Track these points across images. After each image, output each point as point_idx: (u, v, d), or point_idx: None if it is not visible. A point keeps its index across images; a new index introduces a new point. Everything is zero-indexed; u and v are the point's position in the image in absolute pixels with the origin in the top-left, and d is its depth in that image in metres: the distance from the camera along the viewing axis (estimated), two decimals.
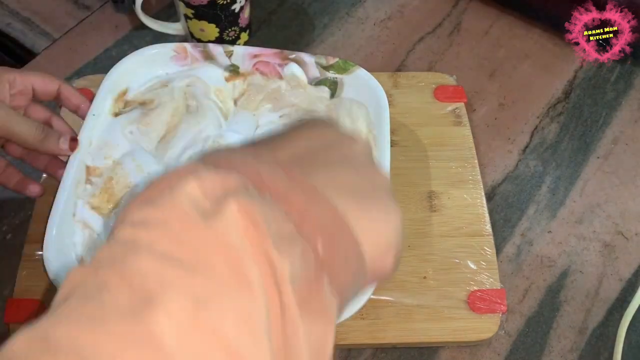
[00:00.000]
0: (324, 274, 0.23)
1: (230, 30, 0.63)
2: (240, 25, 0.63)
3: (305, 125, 0.31)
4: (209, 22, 0.61)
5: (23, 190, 0.49)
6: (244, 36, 0.65)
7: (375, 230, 0.27)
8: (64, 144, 0.46)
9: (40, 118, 0.48)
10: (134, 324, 0.18)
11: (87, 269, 0.21)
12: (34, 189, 0.49)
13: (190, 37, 0.64)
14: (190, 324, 0.18)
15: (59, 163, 0.49)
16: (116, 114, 0.52)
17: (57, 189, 0.46)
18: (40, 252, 0.44)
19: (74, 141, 0.47)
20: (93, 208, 0.47)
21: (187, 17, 0.61)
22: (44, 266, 0.43)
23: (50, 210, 0.45)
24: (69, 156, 0.48)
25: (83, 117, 0.49)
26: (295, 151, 0.28)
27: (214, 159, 0.25)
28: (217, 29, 0.62)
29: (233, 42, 0.64)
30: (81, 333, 0.18)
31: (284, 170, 0.25)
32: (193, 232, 0.21)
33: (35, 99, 0.48)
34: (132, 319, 0.18)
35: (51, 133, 0.46)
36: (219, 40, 0.63)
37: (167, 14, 0.68)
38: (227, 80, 0.55)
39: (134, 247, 0.20)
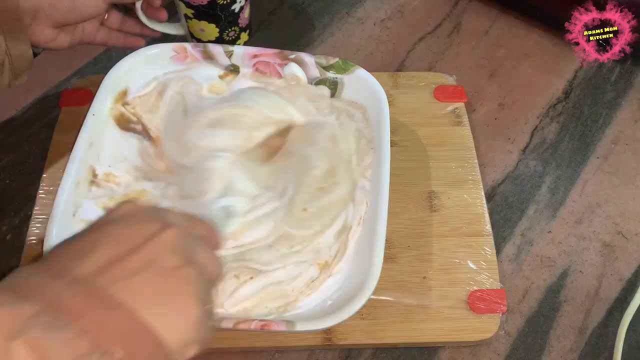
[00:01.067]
0: None
1: (230, 30, 0.63)
2: (240, 25, 0.63)
3: (110, 222, 0.32)
4: (209, 22, 0.61)
5: (130, 44, 0.57)
6: (244, 36, 0.65)
7: (175, 326, 0.29)
8: None
9: None
10: None
11: None
12: (138, 42, 0.57)
13: (190, 37, 0.64)
14: None
15: (148, 30, 0.58)
16: (123, 126, 0.52)
17: (57, 187, 0.46)
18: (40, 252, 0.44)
19: None
20: (106, 209, 0.48)
21: (187, 17, 0.61)
22: None
23: (50, 210, 0.45)
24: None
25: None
26: (95, 263, 0.28)
27: (10, 283, 0.27)
28: (217, 29, 0.62)
29: (233, 42, 0.64)
30: None
31: (81, 286, 0.27)
32: None
33: None
34: None
35: None
36: (219, 40, 0.63)
37: (167, 14, 0.68)
38: (221, 78, 0.55)
39: None
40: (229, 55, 0.54)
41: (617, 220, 0.55)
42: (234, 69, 0.55)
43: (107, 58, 0.65)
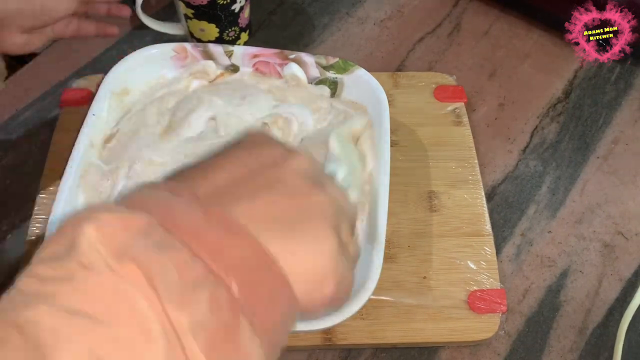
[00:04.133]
0: (240, 317, 0.22)
1: (230, 30, 0.63)
2: (240, 25, 0.63)
3: (236, 147, 0.29)
4: (209, 22, 0.61)
5: (104, 32, 0.55)
6: (244, 36, 0.65)
7: (305, 261, 0.25)
8: None
9: None
10: None
11: None
12: (112, 30, 0.55)
13: (190, 37, 0.64)
14: None
15: (117, 7, 0.57)
16: None
17: (57, 187, 0.46)
18: None
19: None
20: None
21: (187, 17, 0.61)
22: None
23: (50, 210, 0.45)
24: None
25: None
26: (217, 182, 0.26)
27: (128, 199, 0.25)
28: (217, 29, 0.62)
29: (233, 42, 0.64)
30: None
31: (200, 205, 0.24)
32: (97, 284, 0.20)
33: None
34: None
35: None
36: (219, 41, 0.63)
37: (167, 14, 0.68)
38: (219, 76, 0.55)
39: (35, 299, 0.20)
40: (229, 55, 0.54)
41: (617, 221, 0.55)
42: (234, 69, 0.55)
43: (107, 58, 0.65)
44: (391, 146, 0.49)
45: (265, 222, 0.25)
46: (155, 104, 0.53)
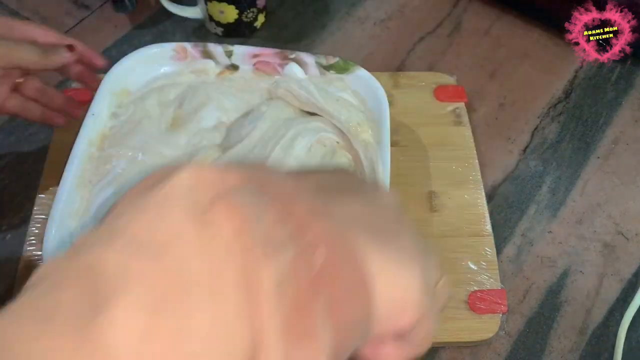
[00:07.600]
0: (319, 291, 0.20)
1: (249, 11, 0.64)
2: (258, 6, 0.64)
3: (328, 170, 0.29)
4: (229, 4, 0.62)
5: (49, 120, 0.51)
6: (261, 18, 0.66)
7: (393, 281, 0.23)
8: (65, 53, 0.47)
9: None
10: (81, 333, 0.17)
11: (60, 258, 0.19)
12: (58, 120, 0.51)
13: (208, 20, 0.65)
14: (147, 331, 0.17)
15: (74, 104, 0.52)
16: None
17: (57, 187, 0.46)
18: (40, 252, 0.44)
19: (69, 47, 0.48)
20: None
21: None
22: None
23: (50, 210, 0.45)
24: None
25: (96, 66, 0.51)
26: (317, 184, 0.25)
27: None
28: (237, 11, 0.63)
29: (251, 24, 0.65)
30: (18, 339, 0.17)
31: (294, 181, 0.23)
32: (178, 227, 0.19)
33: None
34: (81, 326, 0.17)
35: (51, 49, 0.47)
36: (238, 22, 0.64)
37: (167, 12, 0.68)
38: (219, 75, 0.55)
39: (112, 235, 0.19)
40: (229, 55, 0.54)
41: (617, 221, 0.55)
42: (233, 68, 0.55)
43: (107, 58, 0.65)
44: (391, 146, 0.49)
45: (362, 226, 0.23)
46: (155, 93, 0.53)
